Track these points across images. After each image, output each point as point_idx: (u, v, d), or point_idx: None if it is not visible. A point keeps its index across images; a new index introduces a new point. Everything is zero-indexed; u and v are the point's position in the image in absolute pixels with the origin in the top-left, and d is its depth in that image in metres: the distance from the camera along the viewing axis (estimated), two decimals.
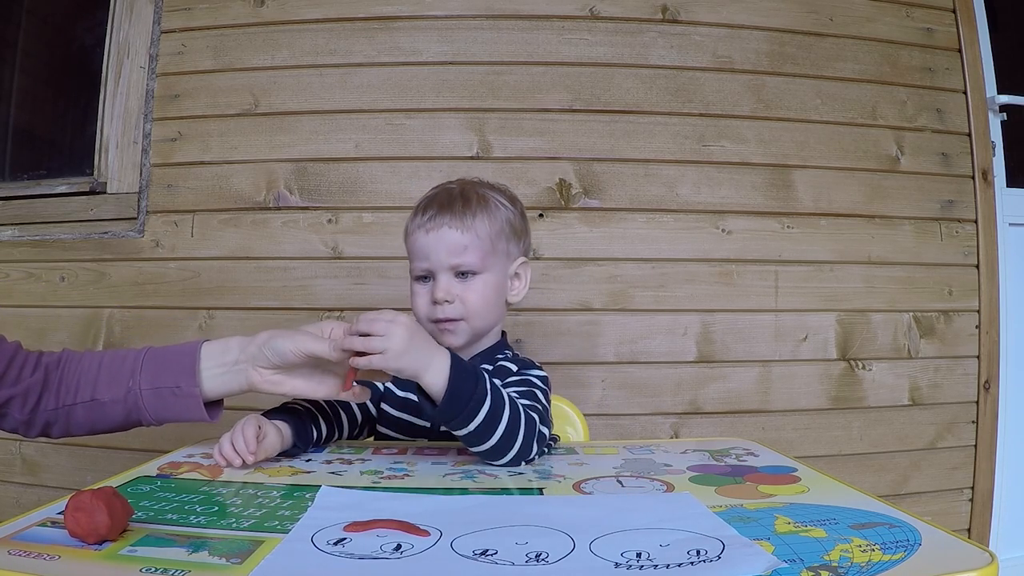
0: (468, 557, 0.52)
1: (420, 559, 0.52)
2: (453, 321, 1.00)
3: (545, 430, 0.88)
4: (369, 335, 0.80)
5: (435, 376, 0.80)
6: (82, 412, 0.83)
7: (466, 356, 1.03)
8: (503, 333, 1.11)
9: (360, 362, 0.81)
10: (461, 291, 1.00)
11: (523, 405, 0.86)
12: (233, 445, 0.82)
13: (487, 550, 0.53)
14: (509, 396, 0.85)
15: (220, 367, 0.86)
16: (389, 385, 1.07)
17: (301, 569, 0.51)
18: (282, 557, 0.53)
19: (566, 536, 0.56)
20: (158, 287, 1.74)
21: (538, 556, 0.52)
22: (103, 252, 1.76)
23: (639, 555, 0.52)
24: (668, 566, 0.50)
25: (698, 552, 0.52)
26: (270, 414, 0.91)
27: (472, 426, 0.81)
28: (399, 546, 0.54)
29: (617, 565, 0.50)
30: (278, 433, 0.87)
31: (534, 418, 0.86)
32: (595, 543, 0.55)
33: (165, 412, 0.85)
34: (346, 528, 0.58)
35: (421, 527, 0.59)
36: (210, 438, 0.91)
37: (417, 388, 0.83)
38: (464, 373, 0.82)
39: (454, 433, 0.84)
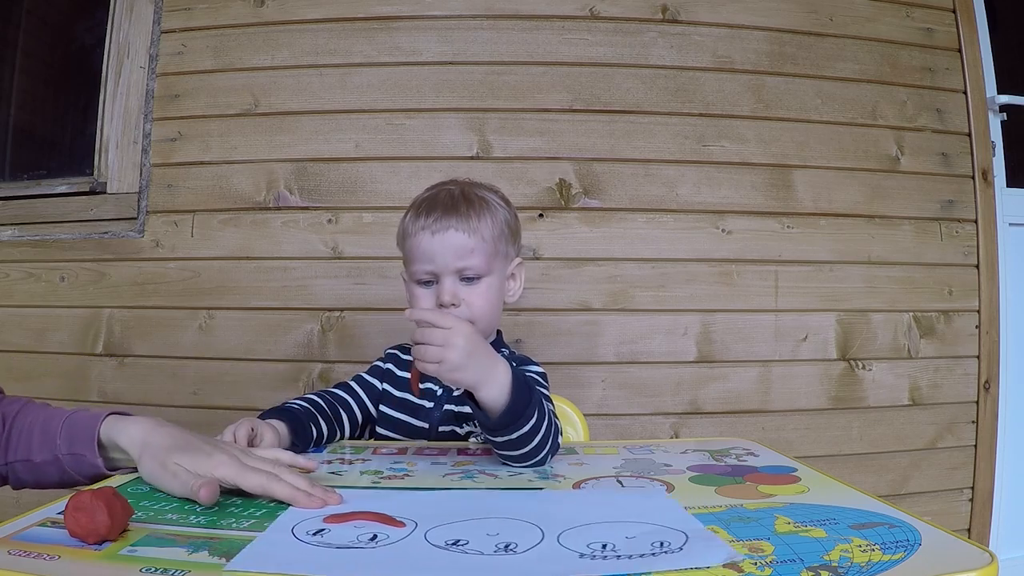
0: (440, 547, 0.54)
1: (394, 548, 0.54)
2: None
3: (559, 439, 0.88)
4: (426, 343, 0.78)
5: (494, 391, 0.79)
6: (23, 469, 0.81)
7: None
8: (498, 332, 1.11)
9: (425, 368, 0.79)
10: (467, 294, 0.99)
11: (549, 411, 0.86)
12: None
13: (459, 540, 0.55)
14: (545, 403, 0.85)
15: (129, 463, 0.77)
16: (386, 386, 1.07)
17: (279, 557, 0.52)
18: (262, 546, 0.54)
19: (536, 528, 0.58)
20: (158, 287, 1.74)
21: (507, 546, 0.54)
22: (103, 252, 1.76)
23: (604, 546, 0.54)
24: (631, 556, 0.51)
25: (661, 544, 0.54)
26: (267, 414, 0.91)
27: (515, 434, 0.80)
28: (375, 536, 0.56)
29: (582, 555, 0.52)
30: (275, 434, 0.87)
31: (559, 426, 0.86)
32: (563, 535, 0.56)
33: (91, 471, 0.80)
34: (326, 520, 0.60)
35: (398, 519, 0.60)
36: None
37: (466, 391, 0.82)
38: (521, 386, 0.80)
39: (488, 438, 0.83)
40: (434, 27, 1.75)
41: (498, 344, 1.09)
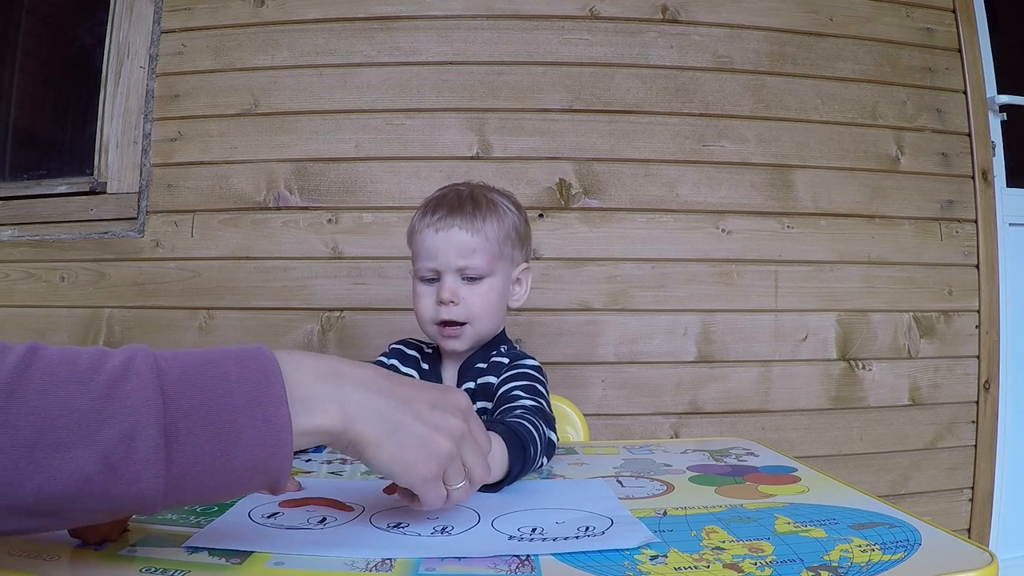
0: (382, 529, 0.58)
1: (339, 529, 0.58)
2: (458, 326, 0.99)
3: (553, 436, 0.86)
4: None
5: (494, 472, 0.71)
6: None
7: (466, 352, 1.03)
8: (503, 331, 1.10)
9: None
10: (467, 293, 0.99)
11: (535, 424, 0.81)
12: None
13: (400, 523, 0.59)
14: (533, 428, 0.79)
15: None
16: None
17: (233, 536, 0.55)
18: (219, 526, 0.57)
19: (474, 513, 0.62)
20: (158, 287, 1.74)
21: (444, 529, 0.58)
22: (103, 252, 1.76)
23: (534, 530, 0.57)
24: (556, 539, 0.55)
25: (587, 528, 0.58)
26: None
27: (510, 479, 0.75)
28: (324, 519, 0.60)
29: (511, 537, 0.56)
30: None
31: (547, 436, 0.82)
32: (498, 520, 0.60)
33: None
34: (281, 504, 0.64)
35: (347, 503, 0.64)
36: None
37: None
38: (517, 450, 0.73)
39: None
40: (434, 27, 1.75)
41: (499, 341, 1.08)
